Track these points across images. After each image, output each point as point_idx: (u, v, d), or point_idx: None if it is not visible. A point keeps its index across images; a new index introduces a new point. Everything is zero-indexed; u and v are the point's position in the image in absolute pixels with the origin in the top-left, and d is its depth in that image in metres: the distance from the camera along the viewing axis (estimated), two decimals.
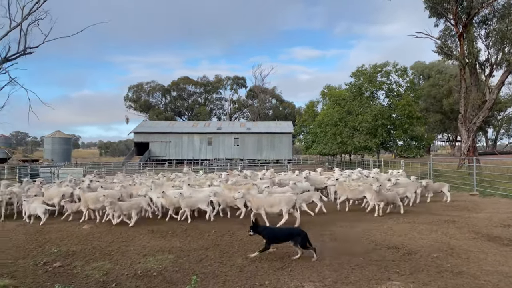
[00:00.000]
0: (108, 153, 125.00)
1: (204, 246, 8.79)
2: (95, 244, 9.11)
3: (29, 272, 7.03)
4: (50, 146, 66.36)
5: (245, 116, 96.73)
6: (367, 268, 7.18)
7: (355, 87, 41.52)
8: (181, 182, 14.82)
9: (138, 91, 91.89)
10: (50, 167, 30.68)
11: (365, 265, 7.36)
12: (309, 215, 12.31)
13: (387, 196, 12.55)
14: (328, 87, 50.59)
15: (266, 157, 59.22)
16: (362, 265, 7.36)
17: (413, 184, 14.80)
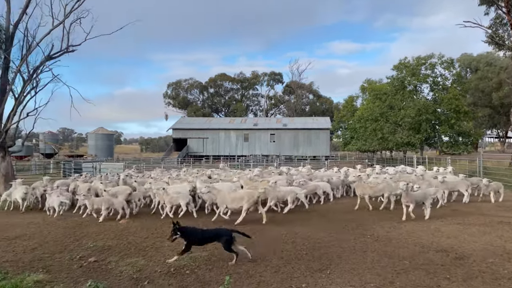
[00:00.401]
0: (148, 149, 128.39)
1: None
2: (130, 239, 9.08)
3: (64, 267, 7.03)
4: (93, 142, 68.86)
5: (282, 112, 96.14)
6: (414, 273, 6.64)
7: (397, 80, 40.00)
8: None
9: (176, 88, 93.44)
10: (92, 162, 31.67)
11: (411, 269, 6.81)
12: (352, 213, 11.78)
13: (415, 197, 11.30)
14: (368, 81, 49.16)
15: (302, 153, 58.42)
16: (408, 269, 6.82)
17: (462, 183, 13.87)
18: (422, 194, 11.43)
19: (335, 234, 9.35)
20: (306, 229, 9.94)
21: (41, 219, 11.87)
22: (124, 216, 11.65)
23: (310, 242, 8.63)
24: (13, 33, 19.82)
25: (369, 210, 12.70)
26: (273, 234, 9.43)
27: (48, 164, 41.01)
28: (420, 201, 11.37)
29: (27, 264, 7.19)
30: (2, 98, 19.55)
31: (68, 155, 65.72)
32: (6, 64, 19.79)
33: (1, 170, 19.30)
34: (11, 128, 20.14)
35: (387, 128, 38.80)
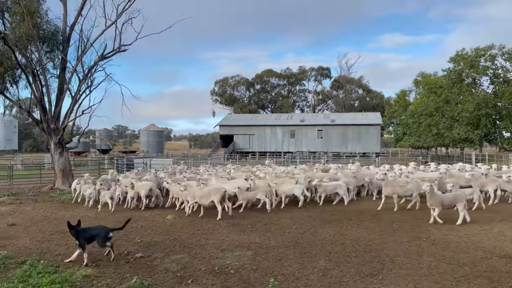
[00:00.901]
0: (196, 145, 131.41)
1: (284, 244, 8.26)
2: (177, 235, 9.11)
3: (112, 262, 7.12)
4: (145, 138, 71.39)
5: (329, 108, 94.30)
6: (475, 281, 6.07)
7: (454, 73, 37.77)
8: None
9: (223, 85, 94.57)
10: (143, 158, 32.69)
11: (473, 277, 6.23)
12: (405, 214, 11.13)
13: (442, 199, 10.18)
14: (422, 74, 46.91)
15: (351, 150, 56.95)
16: (468, 277, 6.24)
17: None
18: (452, 197, 10.30)
19: (387, 236, 8.82)
20: (356, 230, 9.48)
21: (94, 213, 12.28)
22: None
23: (360, 244, 8.20)
24: (69, 34, 20.79)
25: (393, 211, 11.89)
26: (321, 234, 9.06)
27: (103, 159, 42.97)
28: (449, 204, 10.21)
29: (78, 258, 7.36)
30: (60, 97, 20.59)
31: (121, 151, 68.63)
32: (63, 64, 20.80)
33: (59, 165, 20.33)
34: (68, 125, 21.14)
35: (443, 123, 36.78)
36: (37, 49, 20.03)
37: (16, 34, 18.14)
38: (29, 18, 18.58)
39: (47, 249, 7.98)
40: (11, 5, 19.68)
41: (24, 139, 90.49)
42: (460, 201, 10.09)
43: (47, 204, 14.42)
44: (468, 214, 10.07)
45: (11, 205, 14.26)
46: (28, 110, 20.78)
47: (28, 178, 24.21)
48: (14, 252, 7.73)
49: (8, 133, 61.84)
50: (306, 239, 8.60)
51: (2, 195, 16.97)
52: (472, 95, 35.97)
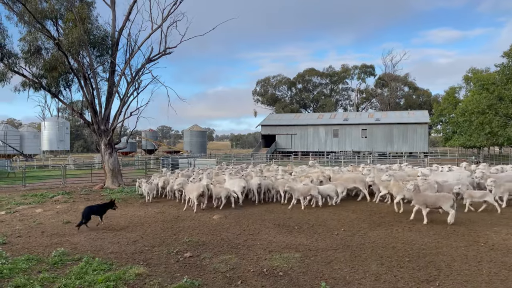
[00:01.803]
0: (238, 145, 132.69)
1: (333, 246, 8.05)
2: (224, 235, 9.13)
3: (162, 261, 7.24)
4: (188, 138, 72.91)
5: (374, 106, 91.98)
6: None
7: (509, 68, 35.46)
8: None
9: (265, 85, 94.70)
10: (188, 158, 33.36)
11: None
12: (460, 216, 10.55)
13: (426, 199, 10.09)
14: (472, 70, 44.64)
15: (397, 149, 55.11)
16: None
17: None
18: (434, 197, 10.07)
19: (442, 240, 8.38)
20: (408, 233, 9.09)
21: (143, 212, 12.61)
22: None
23: (413, 248, 7.83)
24: (118, 38, 21.55)
25: (398, 212, 11.40)
26: (371, 237, 8.76)
27: (149, 159, 44.31)
28: (432, 204, 10.01)
29: (129, 256, 7.56)
30: (109, 99, 21.40)
31: (166, 151, 70.57)
32: (112, 68, 21.60)
33: (109, 165, 21.13)
34: (117, 126, 21.93)
35: (497, 121, 34.68)
36: (88, 54, 20.92)
37: (69, 40, 19.03)
38: (81, 24, 19.46)
39: (100, 247, 8.26)
40: (64, 12, 20.71)
41: (75, 140, 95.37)
42: (444, 202, 9.81)
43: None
44: (453, 216, 9.76)
45: (65, 203, 14.97)
46: (80, 112, 21.74)
47: (80, 177, 25.40)
48: (70, 249, 8.05)
49: (61, 134, 65.25)
50: (355, 242, 8.34)
51: (57, 193, 17.88)
52: None
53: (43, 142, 64.93)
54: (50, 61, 20.31)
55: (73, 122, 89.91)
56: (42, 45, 20.64)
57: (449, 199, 9.84)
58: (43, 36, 20.10)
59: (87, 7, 21.08)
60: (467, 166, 17.64)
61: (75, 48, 19.43)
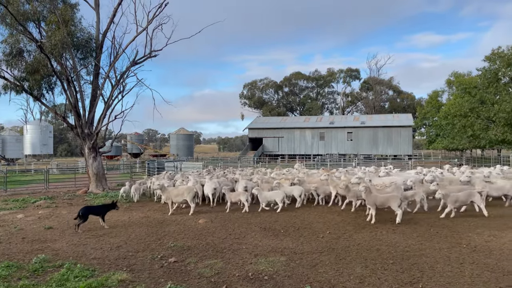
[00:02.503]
0: (225, 149, 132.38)
1: (318, 249, 8.07)
2: (209, 240, 9.07)
3: (146, 266, 7.15)
4: (175, 142, 72.45)
5: (359, 110, 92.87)
6: None
7: (490, 72, 36.28)
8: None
9: (252, 88, 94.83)
10: (174, 162, 33.10)
11: None
12: (444, 219, 10.70)
13: (375, 200, 10.58)
14: (455, 74, 45.44)
15: (382, 152, 55.77)
16: None
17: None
18: (383, 198, 10.58)
19: (425, 242, 8.48)
20: (392, 235, 9.17)
21: (127, 217, 12.45)
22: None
23: (397, 250, 7.90)
24: (102, 41, 21.32)
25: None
26: (356, 240, 8.81)
27: (135, 163, 43.85)
28: (381, 204, 10.58)
29: (112, 261, 7.44)
30: (93, 102, 21.13)
31: (152, 155, 69.95)
32: (96, 70, 21.34)
33: (93, 169, 20.84)
34: (101, 130, 21.65)
35: (479, 124, 35.40)
36: (72, 56, 20.63)
37: (52, 42, 18.73)
38: (64, 26, 19.17)
39: (82, 253, 8.11)
40: (47, 14, 20.40)
41: (59, 143, 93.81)
42: (392, 202, 10.30)
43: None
44: (400, 216, 10.27)
45: (48, 209, 14.69)
46: (63, 116, 21.41)
47: (63, 181, 25.00)
48: (51, 256, 7.89)
49: (44, 138, 64.17)
50: (340, 245, 8.38)
51: (39, 198, 17.56)
52: (509, 94, 34.42)
53: (26, 146, 63.76)
54: (32, 64, 19.98)
55: (57, 126, 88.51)
56: (24, 48, 20.30)
57: (396, 199, 10.33)
58: (25, 39, 19.76)
59: (70, 9, 20.80)
60: (449, 169, 17.93)
61: (58, 50, 19.14)
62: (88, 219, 10.46)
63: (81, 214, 10.32)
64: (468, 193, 11.18)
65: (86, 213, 10.48)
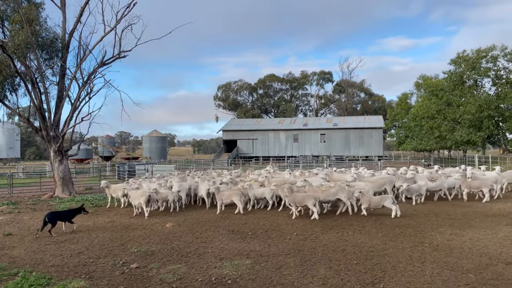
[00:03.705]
0: (200, 151, 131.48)
1: (284, 251, 8.05)
2: (175, 244, 8.91)
3: (107, 273, 6.93)
4: (148, 144, 71.40)
5: (332, 112, 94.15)
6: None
7: (455, 75, 37.52)
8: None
9: (226, 90, 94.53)
10: (145, 165, 32.56)
11: (478, 284, 6.02)
12: (409, 218, 10.91)
13: (294, 198, 11.40)
14: (423, 77, 46.72)
15: (354, 153, 56.71)
16: (473, 284, 6.04)
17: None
18: (301, 197, 11.50)
19: (389, 242, 8.61)
20: (358, 235, 9.27)
21: (92, 221, 12.09)
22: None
23: (361, 250, 7.98)
24: (68, 41, 20.73)
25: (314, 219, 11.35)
26: (322, 241, 8.84)
27: (105, 166, 42.88)
28: (299, 202, 11.44)
29: (71, 269, 7.18)
30: (59, 104, 20.49)
31: (124, 158, 68.63)
32: (63, 71, 20.72)
33: (59, 173, 20.19)
34: (68, 132, 21.03)
35: (445, 126, 36.50)
36: (36, 57, 19.98)
37: (15, 42, 18.07)
38: (28, 26, 18.54)
39: (41, 260, 7.80)
40: (10, 14, 19.68)
41: (27, 146, 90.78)
42: (308, 201, 11.25)
43: (45, 213, 14.23)
44: (317, 214, 11.23)
45: (9, 214, 14.11)
46: (28, 118, 20.67)
47: (29, 186, 24.13)
48: (7, 263, 7.56)
49: (10, 141, 61.95)
50: (307, 246, 8.39)
51: (2, 204, 16.85)
52: (474, 97, 35.67)
53: None
54: None
55: (24, 128, 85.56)
56: None
57: (311, 198, 11.24)
58: None
59: (35, 8, 20.13)
60: (416, 170, 18.36)
61: (22, 50, 18.47)
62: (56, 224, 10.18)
63: (47, 220, 10.00)
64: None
65: (53, 218, 10.17)
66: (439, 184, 14.32)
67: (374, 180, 14.32)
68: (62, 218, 10.55)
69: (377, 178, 14.92)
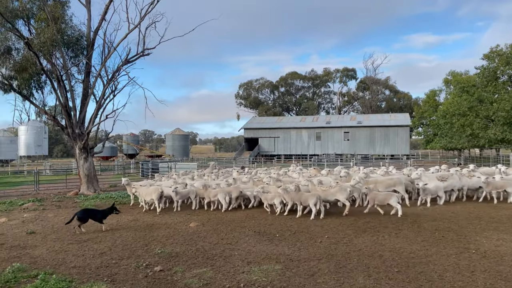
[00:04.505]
0: (222, 149, 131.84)
1: (316, 256, 7.51)
2: (199, 245, 8.49)
3: (129, 276, 6.56)
4: (171, 142, 71.89)
5: (355, 109, 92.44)
6: None
7: (488, 71, 35.89)
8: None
9: (248, 88, 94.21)
10: (168, 162, 32.51)
11: None
12: (447, 221, 10.18)
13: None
14: (452, 73, 45.13)
15: (379, 152, 55.33)
16: None
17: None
18: (270, 196, 12.07)
19: (431, 247, 7.93)
20: (394, 239, 8.62)
21: (115, 220, 11.83)
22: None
23: (401, 256, 7.35)
24: (93, 39, 20.69)
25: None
26: (356, 245, 8.25)
27: (129, 164, 43.19)
28: (270, 199, 11.96)
29: (93, 271, 6.85)
30: (84, 102, 20.50)
31: (148, 156, 69.26)
32: (88, 69, 20.72)
33: (84, 170, 20.20)
34: (93, 130, 21.04)
35: (477, 123, 34.99)
36: (62, 55, 20.03)
37: (41, 40, 18.13)
38: (54, 23, 18.57)
39: (62, 261, 7.52)
40: (36, 11, 19.78)
41: (54, 144, 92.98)
42: (275, 199, 11.84)
43: (70, 210, 14.14)
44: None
45: (34, 212, 14.07)
46: (53, 116, 20.77)
47: (55, 183, 24.36)
48: (28, 264, 7.30)
49: (38, 139, 63.34)
50: (340, 251, 7.82)
51: (28, 200, 16.92)
52: (508, 93, 34.08)
53: (20, 147, 62.92)
54: (20, 62, 19.31)
55: (52, 127, 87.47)
56: (12, 45, 19.63)
57: (278, 196, 11.80)
58: (13, 36, 19.12)
59: (60, 6, 20.17)
60: (446, 169, 17.40)
61: (47, 48, 18.52)
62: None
63: (77, 218, 9.82)
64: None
65: (84, 217, 9.97)
66: (451, 184, 13.41)
67: (381, 181, 13.54)
68: (93, 217, 10.18)
69: (386, 178, 14.13)
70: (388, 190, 12.74)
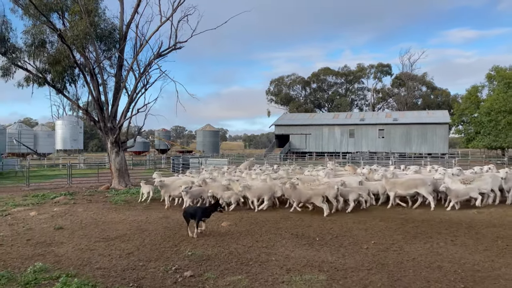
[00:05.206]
0: (251, 146, 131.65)
1: (365, 265, 6.65)
2: (232, 248, 7.81)
3: (157, 281, 5.94)
4: (201, 138, 72.00)
5: (390, 106, 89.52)
6: None
7: None
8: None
9: (279, 84, 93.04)
10: (199, 158, 32.22)
11: None
12: (506, 226, 9.04)
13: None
14: (496, 68, 42.49)
15: (416, 150, 53.06)
16: None
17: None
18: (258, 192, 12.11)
19: (497, 258, 6.91)
20: (452, 247, 7.63)
21: (145, 216, 11.36)
22: None
23: (464, 269, 6.38)
24: (126, 32, 20.46)
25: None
26: (409, 253, 7.32)
27: (161, 159, 43.35)
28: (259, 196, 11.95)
29: (119, 273, 6.29)
30: (116, 95, 20.32)
31: (179, 151, 69.76)
32: (120, 62, 20.52)
33: (115, 165, 20.04)
34: (125, 124, 20.85)
35: None
36: (94, 48, 19.91)
37: (74, 33, 18.01)
38: (87, 16, 18.42)
39: (87, 261, 7.01)
40: (70, 4, 19.72)
41: (90, 139, 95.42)
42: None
43: (100, 205, 13.85)
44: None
45: (65, 205, 13.85)
46: (86, 109, 20.72)
47: (88, 177, 24.45)
48: (51, 263, 6.83)
49: (74, 133, 64.94)
50: (391, 260, 6.93)
51: (60, 194, 16.85)
52: None
53: (57, 141, 64.78)
54: (54, 55, 19.28)
55: (88, 122, 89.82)
56: (46, 38, 19.63)
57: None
58: (47, 29, 19.12)
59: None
60: (493, 169, 15.77)
61: (80, 41, 18.38)
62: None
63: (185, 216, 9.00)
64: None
65: (187, 216, 8.95)
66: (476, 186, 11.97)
67: (401, 182, 12.29)
68: (193, 216, 8.95)
69: (406, 178, 12.84)
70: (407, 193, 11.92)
